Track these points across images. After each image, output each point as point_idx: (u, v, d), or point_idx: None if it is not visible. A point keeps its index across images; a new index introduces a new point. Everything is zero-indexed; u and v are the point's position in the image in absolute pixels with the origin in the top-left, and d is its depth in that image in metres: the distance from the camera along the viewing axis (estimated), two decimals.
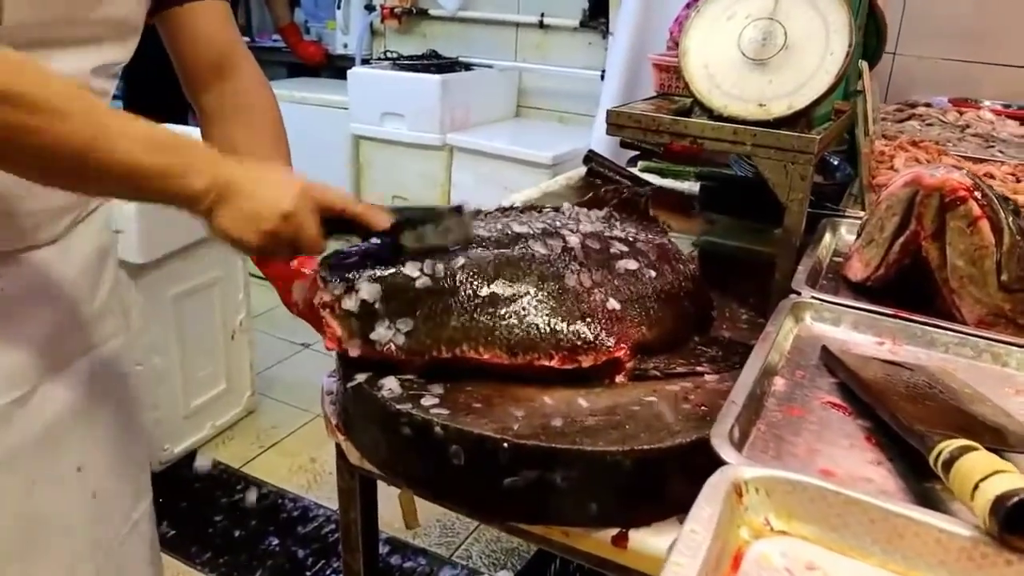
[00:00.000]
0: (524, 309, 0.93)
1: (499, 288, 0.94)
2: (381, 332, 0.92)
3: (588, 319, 0.94)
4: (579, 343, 0.93)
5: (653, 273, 1.05)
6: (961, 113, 2.38)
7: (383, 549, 2.24)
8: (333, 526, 2.35)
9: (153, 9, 1.05)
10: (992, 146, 2.01)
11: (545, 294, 0.95)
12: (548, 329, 0.92)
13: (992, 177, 1.66)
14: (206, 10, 1.09)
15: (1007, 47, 2.79)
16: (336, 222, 0.92)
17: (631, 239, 1.09)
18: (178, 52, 1.11)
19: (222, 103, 1.12)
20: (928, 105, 2.46)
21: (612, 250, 1.05)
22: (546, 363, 0.92)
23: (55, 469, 1.06)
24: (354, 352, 0.93)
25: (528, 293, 0.94)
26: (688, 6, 2.49)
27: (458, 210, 0.99)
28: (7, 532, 1.01)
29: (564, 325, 0.93)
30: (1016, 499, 0.54)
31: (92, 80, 0.97)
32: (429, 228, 0.96)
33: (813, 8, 1.09)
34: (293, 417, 2.88)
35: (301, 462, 2.65)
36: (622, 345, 0.95)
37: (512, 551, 2.30)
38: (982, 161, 1.81)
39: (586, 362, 0.93)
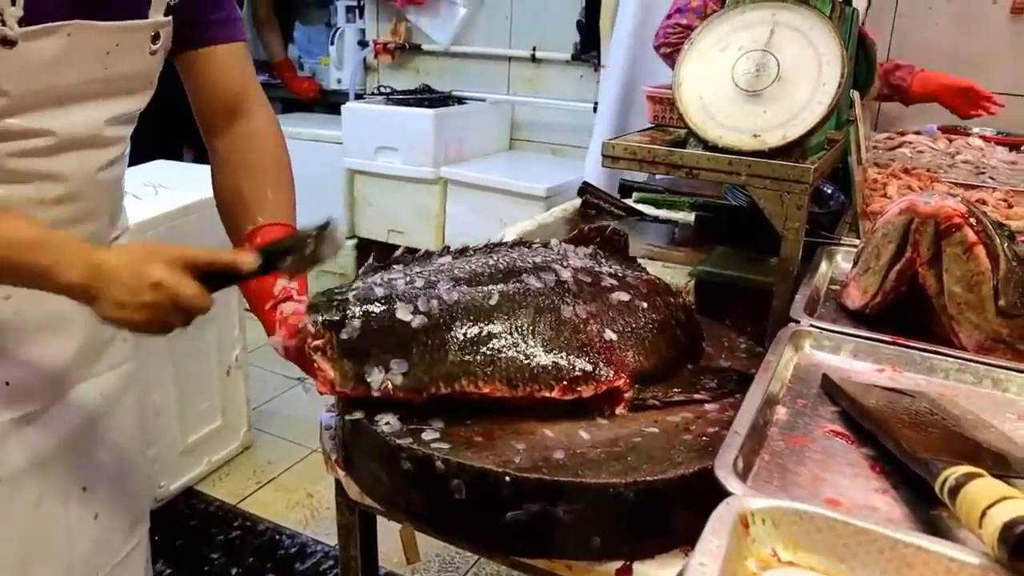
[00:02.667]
0: (522, 342, 0.93)
1: (496, 322, 0.94)
2: (376, 373, 0.90)
3: (586, 350, 0.94)
4: (578, 374, 0.92)
5: (645, 304, 1.05)
6: (951, 140, 2.40)
7: None
8: (332, 562, 2.32)
9: (172, 52, 1.07)
10: (983, 172, 2.03)
11: (543, 326, 0.94)
12: (547, 361, 0.92)
13: (984, 203, 1.68)
14: (223, 53, 1.11)
15: (994, 74, 2.82)
16: (214, 276, 0.91)
17: (619, 274, 1.10)
18: (194, 94, 1.13)
19: (233, 147, 1.13)
20: (918, 133, 2.49)
21: (603, 283, 1.05)
22: (547, 394, 0.91)
23: (61, 487, 1.09)
24: (349, 393, 0.92)
25: (525, 326, 0.94)
26: (671, 16, 2.48)
27: (324, 226, 0.96)
28: (11, 546, 1.03)
29: (563, 356, 0.93)
30: None
31: (105, 129, 1.00)
32: (298, 255, 0.95)
33: (805, 40, 1.10)
34: (290, 452, 2.85)
35: (299, 498, 2.62)
36: (621, 374, 0.94)
37: None
38: (973, 187, 1.82)
39: (586, 392, 0.92)
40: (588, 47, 3.55)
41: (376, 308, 0.93)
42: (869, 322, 1.08)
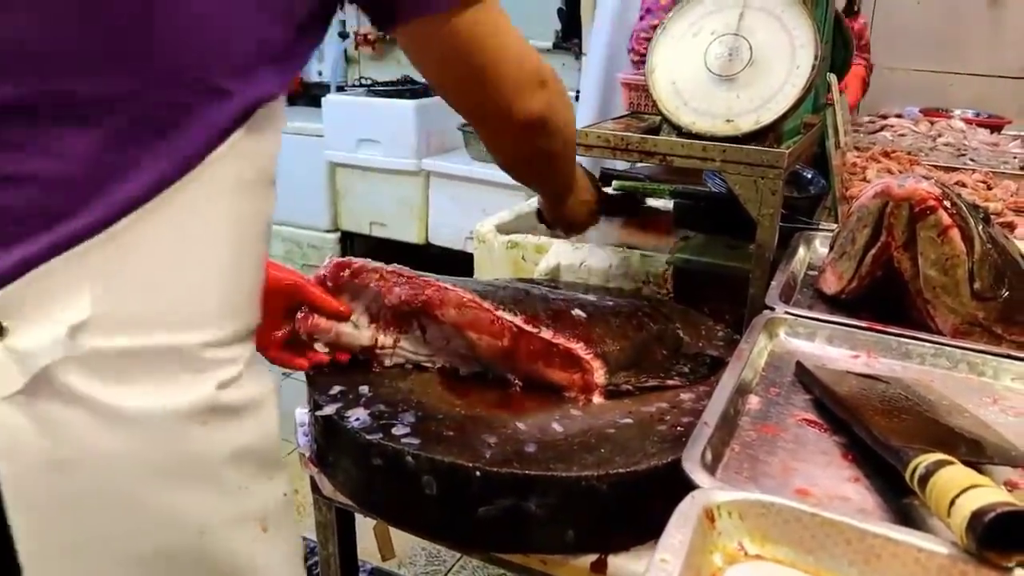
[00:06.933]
0: (500, 294, 0.98)
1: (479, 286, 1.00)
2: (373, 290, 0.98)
3: (557, 315, 0.98)
4: (552, 320, 0.97)
5: (611, 302, 1.07)
6: (932, 123, 2.40)
7: None
8: (316, 559, 2.31)
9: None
10: (963, 154, 2.02)
11: (515, 289, 1.00)
12: (527, 307, 0.97)
13: (963, 185, 1.67)
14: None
15: (975, 56, 2.83)
16: None
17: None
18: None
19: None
20: (900, 116, 2.48)
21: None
22: (524, 325, 0.95)
23: None
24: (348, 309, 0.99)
25: (505, 287, 1.00)
26: (643, 18, 2.49)
27: None
28: None
29: (537, 311, 0.98)
30: (992, 514, 0.53)
31: None
32: None
33: (778, 23, 1.09)
34: None
35: None
36: (590, 349, 0.94)
37: None
38: (954, 169, 1.82)
39: (557, 338, 0.95)
40: (569, 35, 3.52)
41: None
42: (846, 308, 1.07)
